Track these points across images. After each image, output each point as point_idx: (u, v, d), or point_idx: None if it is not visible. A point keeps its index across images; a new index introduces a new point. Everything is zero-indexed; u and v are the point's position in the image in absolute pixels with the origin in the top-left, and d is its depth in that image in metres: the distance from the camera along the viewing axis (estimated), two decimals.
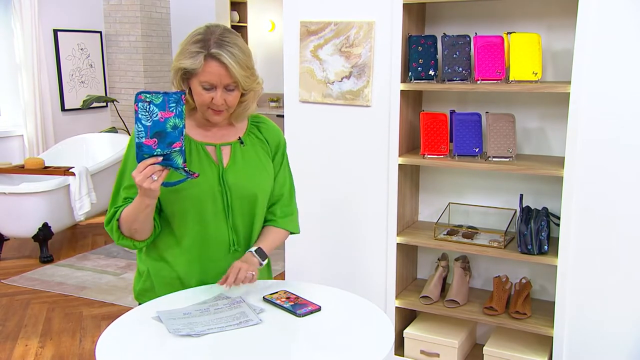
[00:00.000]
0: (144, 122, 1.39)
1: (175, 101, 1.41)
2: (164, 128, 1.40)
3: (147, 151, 1.40)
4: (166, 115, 1.40)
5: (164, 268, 1.71)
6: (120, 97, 6.24)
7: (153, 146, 1.40)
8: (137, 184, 1.42)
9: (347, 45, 2.61)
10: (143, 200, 1.48)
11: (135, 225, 1.55)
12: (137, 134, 1.39)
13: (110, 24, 6.16)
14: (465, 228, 2.65)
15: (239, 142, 1.69)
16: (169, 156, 1.42)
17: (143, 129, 1.39)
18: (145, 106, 1.38)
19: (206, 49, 1.51)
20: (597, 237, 2.25)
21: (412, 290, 2.77)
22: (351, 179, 2.73)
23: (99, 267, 4.28)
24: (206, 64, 1.51)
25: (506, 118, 2.48)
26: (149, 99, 1.38)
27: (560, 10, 2.42)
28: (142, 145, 1.40)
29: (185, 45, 1.55)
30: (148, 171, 1.41)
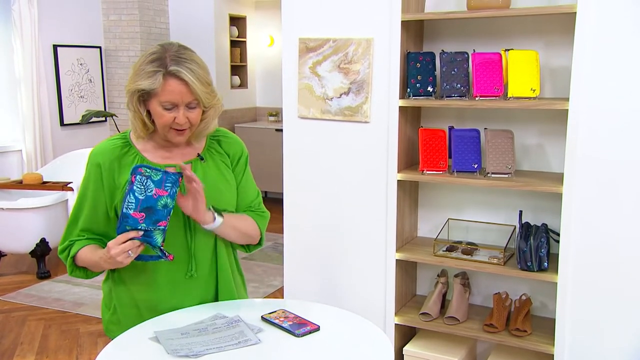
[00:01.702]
0: (137, 195, 1.39)
1: (172, 182, 1.43)
2: (154, 205, 1.41)
3: (132, 224, 1.40)
4: (160, 193, 1.41)
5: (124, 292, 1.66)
6: (120, 112, 6.25)
7: (139, 220, 1.40)
8: (111, 256, 1.41)
9: (346, 61, 2.62)
10: (104, 266, 1.50)
11: (95, 269, 1.58)
12: (127, 205, 1.40)
13: (109, 39, 6.19)
14: (464, 244, 2.64)
15: (198, 158, 1.63)
16: (151, 233, 1.42)
17: (134, 202, 1.40)
18: (143, 180, 1.40)
19: (164, 67, 1.45)
20: (597, 254, 2.24)
21: (411, 307, 2.75)
22: (350, 195, 2.72)
23: (97, 284, 4.24)
24: (165, 83, 1.45)
25: (505, 134, 2.48)
26: (148, 174, 1.40)
27: (558, 28, 2.43)
28: (128, 217, 1.40)
29: (141, 66, 1.48)
30: (127, 246, 1.41)
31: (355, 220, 2.73)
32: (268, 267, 4.38)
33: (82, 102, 6.02)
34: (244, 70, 6.93)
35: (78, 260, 1.56)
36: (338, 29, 2.64)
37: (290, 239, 2.91)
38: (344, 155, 2.71)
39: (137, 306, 1.65)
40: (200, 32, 6.25)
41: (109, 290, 1.70)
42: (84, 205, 1.57)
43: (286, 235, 2.91)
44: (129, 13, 6.03)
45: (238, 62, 6.78)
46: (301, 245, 2.87)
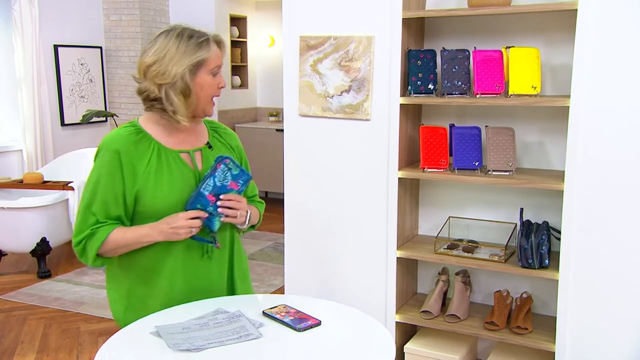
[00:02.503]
0: (215, 181, 1.55)
1: (245, 181, 1.60)
2: (223, 192, 1.56)
3: (204, 204, 1.54)
4: (234, 186, 1.58)
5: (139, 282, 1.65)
6: (120, 112, 6.25)
7: (210, 202, 1.55)
8: (175, 227, 1.49)
9: (347, 59, 2.62)
10: (154, 237, 1.53)
11: (123, 250, 1.57)
12: (205, 186, 1.54)
13: (110, 39, 6.19)
14: (465, 242, 2.64)
15: (207, 146, 1.70)
16: (213, 218, 1.56)
17: (212, 186, 1.55)
18: (225, 170, 1.56)
19: (205, 36, 1.57)
20: (598, 251, 2.24)
21: (412, 304, 2.75)
22: (351, 193, 2.72)
23: (97, 282, 4.24)
24: (213, 49, 1.58)
25: (506, 132, 2.48)
26: (230, 167, 1.57)
27: (559, 25, 2.43)
28: (203, 196, 1.54)
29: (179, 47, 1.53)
30: (194, 223, 1.51)
31: (356, 218, 2.73)
32: (268, 266, 4.38)
33: (83, 102, 6.02)
34: (245, 71, 6.93)
35: (108, 243, 1.54)
36: (339, 27, 2.64)
37: (290, 238, 2.90)
38: (345, 153, 2.71)
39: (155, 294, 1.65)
40: None
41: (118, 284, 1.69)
42: (98, 192, 1.55)
43: (287, 234, 2.91)
44: (130, 13, 6.04)
45: (239, 62, 6.79)
46: (302, 244, 2.87)
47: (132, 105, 6.25)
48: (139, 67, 1.57)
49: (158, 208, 1.57)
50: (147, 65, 1.54)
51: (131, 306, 1.67)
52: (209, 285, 1.69)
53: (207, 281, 1.69)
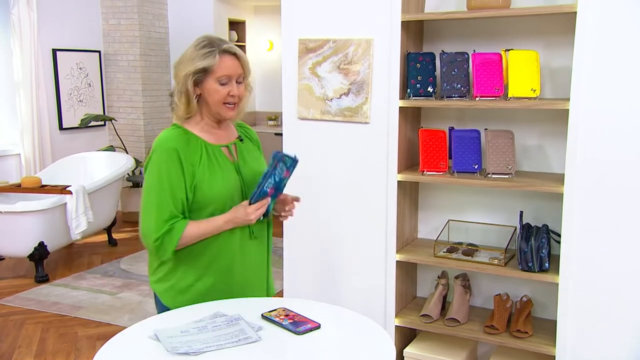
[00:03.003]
0: (275, 178, 1.72)
1: (293, 166, 1.75)
2: (280, 185, 1.75)
3: (264, 196, 1.73)
4: (286, 175, 1.75)
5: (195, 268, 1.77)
6: (119, 116, 6.25)
7: (269, 194, 1.73)
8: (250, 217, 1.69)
9: (346, 62, 2.62)
10: (227, 225, 1.70)
11: (196, 240, 1.70)
12: (267, 184, 1.72)
13: (109, 43, 6.19)
14: (465, 245, 2.63)
15: (239, 140, 1.89)
16: (270, 203, 1.76)
17: (272, 182, 1.73)
18: (281, 166, 1.72)
19: (217, 46, 1.70)
20: (598, 254, 2.23)
21: (412, 308, 2.74)
22: (350, 196, 2.71)
23: (95, 287, 4.23)
24: (221, 59, 1.70)
25: (505, 135, 2.48)
26: (285, 160, 1.73)
27: (558, 28, 2.43)
28: (266, 192, 1.73)
29: (192, 53, 1.71)
30: (262, 211, 1.71)
31: (355, 221, 2.72)
32: None
33: (81, 106, 6.02)
34: None
35: (185, 237, 1.67)
36: (338, 30, 2.64)
37: (289, 242, 2.89)
38: (344, 156, 2.70)
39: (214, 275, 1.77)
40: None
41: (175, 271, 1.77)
42: (166, 188, 1.67)
43: (286, 238, 2.89)
44: (129, 17, 6.04)
45: None
46: (301, 248, 2.86)
47: (130, 109, 6.24)
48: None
49: (214, 197, 1.73)
50: (173, 66, 1.77)
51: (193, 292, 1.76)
52: (258, 261, 1.86)
53: (257, 257, 1.86)
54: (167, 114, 6.51)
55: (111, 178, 4.97)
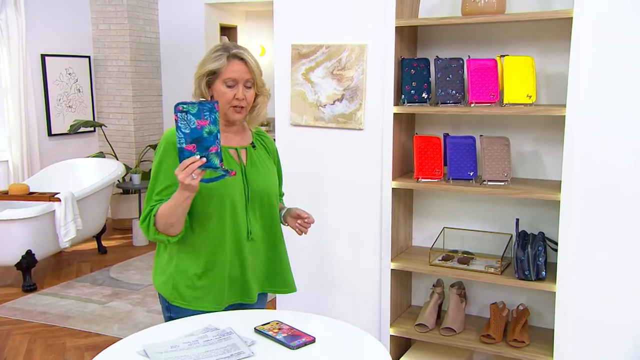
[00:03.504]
0: (183, 130, 1.57)
1: (208, 110, 1.58)
2: (200, 134, 1.58)
3: (188, 155, 1.58)
4: (202, 123, 1.58)
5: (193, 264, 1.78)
6: (109, 122, 6.18)
7: (193, 150, 1.58)
8: (180, 180, 1.58)
9: (339, 68, 2.59)
10: (183, 193, 1.62)
11: (171, 219, 1.67)
12: (179, 141, 1.57)
13: (99, 48, 6.13)
14: (460, 253, 2.59)
15: (251, 146, 1.90)
16: (207, 157, 1.59)
17: (183, 136, 1.57)
18: (183, 116, 1.56)
19: (227, 51, 1.77)
20: (595, 262, 2.20)
21: (406, 317, 2.70)
22: (344, 204, 2.67)
23: (84, 296, 4.15)
24: (229, 63, 1.76)
25: (501, 141, 2.45)
26: (186, 109, 1.56)
27: (553, 33, 2.41)
28: (183, 150, 1.58)
29: (207, 56, 1.79)
30: (189, 170, 1.57)
31: (349, 229, 2.68)
32: None
33: (71, 112, 5.94)
34: None
35: (159, 216, 1.68)
36: (331, 35, 2.60)
37: None
38: (338, 163, 2.67)
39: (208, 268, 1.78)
40: (191, 41, 6.20)
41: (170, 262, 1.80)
42: (160, 178, 1.73)
43: None
44: (119, 22, 5.98)
45: None
46: (294, 256, 2.80)
47: (120, 115, 6.18)
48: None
49: (214, 195, 1.74)
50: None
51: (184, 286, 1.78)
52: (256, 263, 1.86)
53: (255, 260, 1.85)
54: (158, 120, 6.45)
55: (101, 185, 4.90)
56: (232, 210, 1.77)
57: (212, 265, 1.78)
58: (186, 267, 1.78)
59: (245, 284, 1.84)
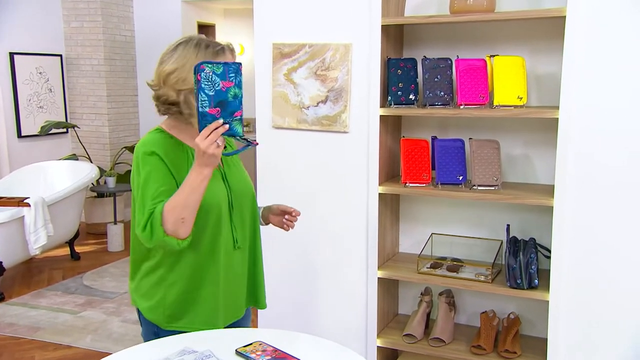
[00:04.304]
0: (207, 92, 1.41)
1: (234, 71, 1.44)
2: (225, 97, 1.43)
3: (211, 119, 1.43)
4: (227, 84, 1.43)
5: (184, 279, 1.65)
6: (82, 123, 5.97)
7: (216, 115, 1.43)
8: (203, 151, 1.42)
9: (323, 68, 2.47)
10: (201, 172, 1.46)
11: (186, 212, 1.49)
12: (201, 104, 1.42)
13: (71, 46, 5.92)
14: (449, 261, 2.50)
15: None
16: (231, 124, 1.44)
17: (207, 99, 1.42)
18: (208, 76, 1.41)
19: (219, 45, 1.64)
20: (589, 270, 2.13)
21: (394, 327, 2.60)
22: (328, 210, 2.56)
23: (55, 305, 3.97)
24: (228, 57, 1.64)
25: (490, 144, 2.37)
26: (211, 69, 1.41)
27: (543, 33, 2.34)
28: (206, 114, 1.42)
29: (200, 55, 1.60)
30: (213, 136, 1.42)
31: (334, 237, 2.57)
32: None
33: (42, 112, 5.73)
34: None
35: (169, 212, 1.49)
36: (314, 34, 2.49)
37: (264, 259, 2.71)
38: (322, 167, 2.55)
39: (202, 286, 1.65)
40: (168, 39, 5.93)
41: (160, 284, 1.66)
42: (150, 186, 1.55)
43: None
44: (92, 20, 5.78)
45: None
46: (277, 265, 2.69)
47: (94, 116, 5.98)
48: (159, 75, 1.62)
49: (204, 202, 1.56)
50: (167, 73, 1.59)
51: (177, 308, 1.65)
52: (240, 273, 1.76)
53: (240, 269, 1.75)
54: (134, 121, 6.26)
55: (73, 189, 4.71)
56: (217, 219, 1.64)
57: (205, 283, 1.65)
58: (178, 290, 1.63)
59: (237, 298, 1.74)
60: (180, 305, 1.64)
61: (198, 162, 1.46)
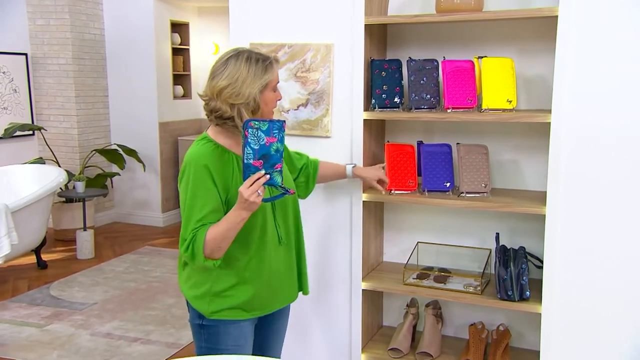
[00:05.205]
0: (252, 146, 1.57)
1: (278, 128, 1.60)
2: (268, 151, 1.59)
3: (255, 171, 1.59)
4: (271, 140, 1.59)
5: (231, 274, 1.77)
6: (49, 125, 5.73)
7: (259, 167, 1.59)
8: (245, 198, 1.58)
9: (303, 69, 2.35)
10: (240, 214, 1.63)
11: (223, 243, 1.66)
12: (247, 156, 1.58)
13: (37, 45, 5.67)
14: (436, 271, 2.40)
15: None
16: (272, 175, 1.60)
17: (252, 152, 1.58)
18: (254, 132, 1.57)
19: (268, 59, 1.75)
20: (584, 281, 2.04)
21: (378, 340, 2.48)
22: (310, 219, 2.43)
23: (20, 318, 3.76)
24: (275, 69, 1.77)
25: (479, 150, 2.27)
26: (257, 126, 1.57)
27: (532, 34, 2.25)
28: (250, 166, 1.59)
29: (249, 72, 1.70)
30: (255, 187, 1.58)
31: (316, 247, 2.45)
32: None
33: (6, 114, 5.46)
34: (188, 80, 6.53)
35: (210, 241, 1.65)
36: (294, 34, 2.36)
37: None
38: None
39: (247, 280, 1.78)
40: (140, 38, 5.83)
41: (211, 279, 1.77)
42: (197, 204, 1.68)
43: None
44: (59, 17, 5.54)
45: (181, 70, 6.38)
46: None
47: (62, 117, 5.74)
48: (212, 89, 1.72)
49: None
50: (221, 88, 1.70)
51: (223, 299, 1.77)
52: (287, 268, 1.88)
53: (286, 264, 1.87)
54: (104, 122, 6.04)
55: (40, 194, 4.48)
56: (263, 220, 1.76)
57: (252, 277, 1.77)
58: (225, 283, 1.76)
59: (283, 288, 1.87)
60: (224, 297, 1.76)
61: (240, 206, 1.62)
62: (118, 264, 4.87)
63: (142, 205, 6.15)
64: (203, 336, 1.82)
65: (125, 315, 3.77)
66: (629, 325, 2.00)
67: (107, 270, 4.71)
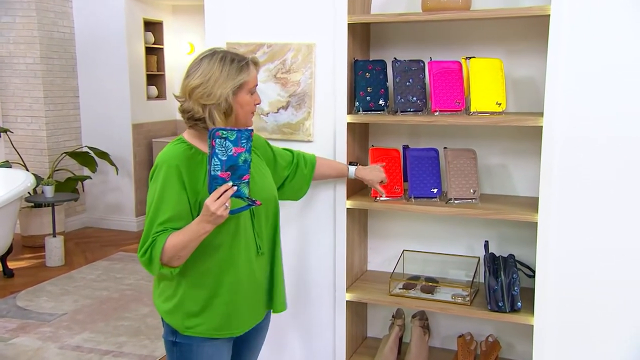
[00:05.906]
0: (220, 157, 1.51)
1: (246, 138, 1.53)
2: (236, 162, 1.53)
3: (222, 183, 1.53)
4: (239, 150, 1.53)
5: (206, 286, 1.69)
6: (16, 127, 5.50)
7: (226, 178, 1.53)
8: (211, 212, 1.51)
9: (284, 70, 2.23)
10: (204, 227, 1.56)
11: (183, 252, 1.59)
12: (214, 168, 1.52)
13: (2, 44, 5.44)
14: (423, 280, 2.30)
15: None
16: (239, 187, 1.55)
17: (219, 163, 1.51)
18: (222, 142, 1.50)
19: (245, 60, 1.68)
20: (577, 291, 1.96)
21: (363, 353, 2.38)
22: (292, 227, 2.32)
23: None
24: (251, 71, 1.69)
25: (467, 154, 2.18)
26: (225, 135, 1.51)
27: (520, 34, 2.17)
28: (217, 178, 1.52)
29: (222, 71, 1.63)
30: (222, 199, 1.52)
31: (299, 256, 2.33)
32: None
33: None
34: (162, 80, 6.35)
35: (169, 249, 1.58)
36: (273, 33, 2.25)
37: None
38: None
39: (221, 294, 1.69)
40: (111, 37, 5.63)
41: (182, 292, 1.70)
42: (162, 208, 1.61)
43: None
44: (25, 15, 5.32)
45: (155, 71, 6.20)
46: None
47: (30, 119, 5.51)
48: (184, 89, 1.66)
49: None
50: (192, 87, 1.63)
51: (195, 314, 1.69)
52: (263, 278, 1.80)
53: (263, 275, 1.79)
54: (75, 124, 5.83)
55: (6, 199, 4.26)
56: (235, 228, 1.67)
57: (224, 290, 1.69)
58: (196, 296, 1.68)
59: (258, 303, 1.78)
60: (198, 311, 1.68)
61: (204, 219, 1.53)
62: (89, 272, 4.68)
63: (115, 210, 5.96)
64: (175, 354, 1.71)
65: (96, 327, 3.60)
66: (624, 338, 1.94)
67: (78, 278, 4.52)
